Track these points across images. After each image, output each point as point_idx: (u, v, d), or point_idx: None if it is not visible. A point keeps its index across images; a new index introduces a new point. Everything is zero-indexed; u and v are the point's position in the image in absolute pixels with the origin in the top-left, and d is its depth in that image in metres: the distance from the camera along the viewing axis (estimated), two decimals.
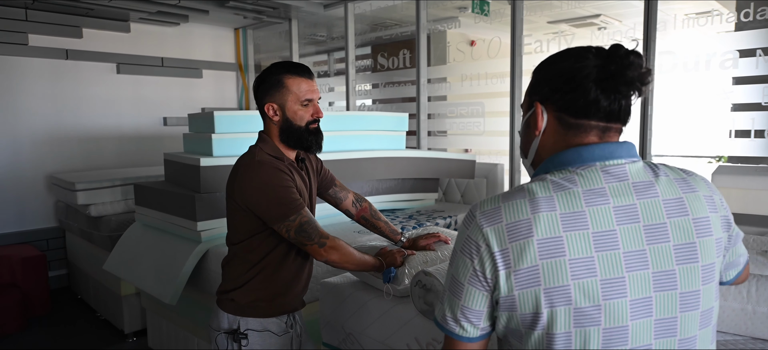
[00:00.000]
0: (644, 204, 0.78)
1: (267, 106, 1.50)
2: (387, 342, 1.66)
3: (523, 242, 0.75)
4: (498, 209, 0.79)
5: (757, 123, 2.59)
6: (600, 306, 0.74)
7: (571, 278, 0.73)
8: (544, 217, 0.76)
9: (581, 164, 0.81)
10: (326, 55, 5.63)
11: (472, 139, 3.85)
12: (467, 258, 0.81)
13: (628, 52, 0.80)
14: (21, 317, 3.48)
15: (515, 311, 0.77)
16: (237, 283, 1.54)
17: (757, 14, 2.58)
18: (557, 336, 0.75)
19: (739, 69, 2.62)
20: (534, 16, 3.47)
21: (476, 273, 0.79)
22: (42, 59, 4.18)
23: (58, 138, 4.29)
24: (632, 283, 0.75)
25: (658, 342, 0.77)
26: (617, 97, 0.81)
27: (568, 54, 0.84)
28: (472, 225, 0.81)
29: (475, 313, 0.82)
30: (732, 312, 1.36)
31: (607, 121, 0.82)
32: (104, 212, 3.45)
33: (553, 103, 0.84)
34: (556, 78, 0.83)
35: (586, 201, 0.77)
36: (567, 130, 0.84)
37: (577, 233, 0.75)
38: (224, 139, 2.56)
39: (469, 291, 0.81)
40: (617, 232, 0.76)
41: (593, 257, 0.74)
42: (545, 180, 0.81)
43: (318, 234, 1.47)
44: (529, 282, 0.75)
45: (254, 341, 1.51)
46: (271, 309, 1.54)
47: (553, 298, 0.74)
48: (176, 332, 2.79)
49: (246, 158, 1.51)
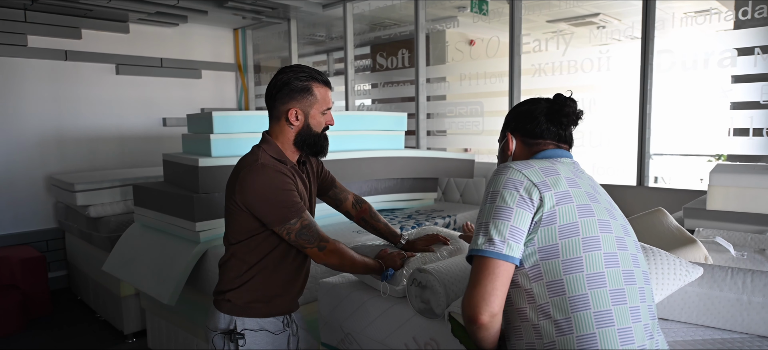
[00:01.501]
0: (599, 192, 1.19)
1: (291, 111, 1.49)
2: (385, 342, 1.66)
3: (555, 177, 1.10)
4: (526, 162, 1.15)
5: (755, 121, 2.59)
6: (608, 221, 1.11)
7: (590, 200, 1.11)
8: (561, 167, 1.14)
9: (555, 158, 1.21)
10: (325, 55, 5.63)
11: (471, 139, 3.85)
12: (513, 189, 1.07)
13: (566, 98, 1.24)
14: (21, 318, 3.48)
15: (554, 224, 1.05)
16: (234, 284, 1.53)
17: (755, 12, 2.57)
18: (590, 239, 1.05)
19: (738, 67, 2.62)
20: (533, 16, 3.47)
21: (523, 199, 1.06)
22: (41, 60, 4.18)
23: (57, 139, 4.29)
24: (613, 226, 1.11)
25: (628, 239, 1.12)
26: (560, 125, 1.24)
27: (527, 101, 1.30)
28: (509, 170, 1.11)
29: (520, 233, 1.05)
30: (727, 303, 1.38)
31: (557, 141, 1.24)
32: (103, 213, 3.45)
33: (518, 132, 1.27)
34: (519, 116, 1.28)
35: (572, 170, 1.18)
36: (529, 147, 1.26)
37: (578, 179, 1.15)
38: (223, 140, 2.56)
39: (517, 212, 1.05)
40: (596, 189, 1.18)
41: (589, 205, 1.11)
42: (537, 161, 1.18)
43: (318, 237, 1.48)
44: (566, 200, 1.07)
45: (251, 341, 1.51)
46: (268, 309, 1.54)
47: (582, 211, 1.07)
48: (176, 332, 2.80)
49: (248, 159, 1.50)
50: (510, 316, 1.11)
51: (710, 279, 1.42)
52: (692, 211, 2.16)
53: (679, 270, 1.41)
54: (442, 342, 1.51)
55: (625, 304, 1.02)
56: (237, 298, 1.52)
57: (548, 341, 1.02)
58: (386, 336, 1.66)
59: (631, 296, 1.04)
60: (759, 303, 1.35)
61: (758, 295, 1.35)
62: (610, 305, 1.01)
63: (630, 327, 1.01)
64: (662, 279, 1.38)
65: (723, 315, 1.39)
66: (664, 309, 1.47)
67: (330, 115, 1.55)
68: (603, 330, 0.99)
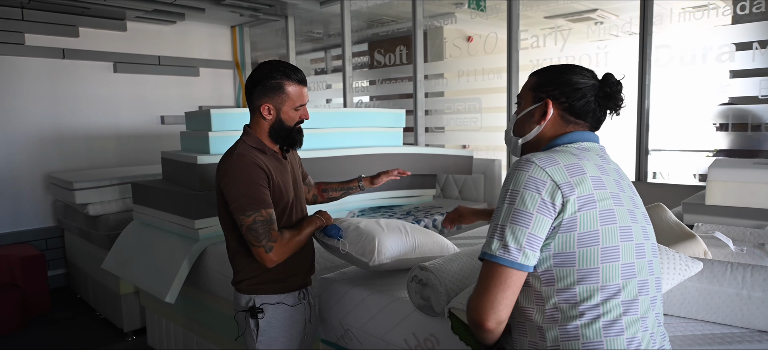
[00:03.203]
0: (624, 181, 1.12)
1: (263, 107, 1.58)
2: (385, 338, 1.66)
3: (580, 177, 1.01)
4: (551, 156, 1.03)
5: None
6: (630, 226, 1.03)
7: (614, 205, 1.02)
8: (587, 164, 1.04)
9: (585, 142, 1.12)
10: (323, 52, 5.62)
11: (470, 135, 3.84)
12: (534, 191, 0.99)
13: (617, 81, 1.13)
14: (20, 317, 3.48)
15: (574, 231, 0.98)
16: (245, 275, 1.63)
17: (753, 7, 2.57)
18: (609, 249, 0.99)
19: (736, 62, 2.63)
20: (530, 12, 3.47)
21: (544, 203, 0.98)
22: (39, 59, 4.17)
23: (55, 137, 4.28)
24: (635, 232, 1.05)
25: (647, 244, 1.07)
26: (604, 112, 1.15)
27: (573, 69, 1.13)
28: (532, 167, 1.01)
29: (538, 241, 0.98)
30: (727, 298, 1.38)
31: (592, 125, 1.15)
32: (102, 211, 3.44)
33: (559, 103, 1.12)
34: (566, 86, 1.12)
35: (598, 166, 1.06)
36: (567, 124, 1.13)
37: (605, 177, 1.04)
38: (221, 137, 2.55)
39: (537, 218, 0.98)
40: (622, 183, 1.09)
41: (618, 194, 1.04)
42: (567, 148, 1.09)
43: (267, 237, 1.50)
44: (589, 206, 0.99)
45: (269, 313, 1.62)
46: (283, 287, 1.65)
47: (605, 217, 0.99)
48: (175, 330, 2.80)
49: (229, 150, 1.60)
50: (515, 311, 1.07)
51: (710, 274, 1.42)
52: (691, 206, 2.16)
53: (679, 265, 1.41)
54: (441, 338, 1.51)
55: (635, 314, 0.99)
56: (252, 281, 1.63)
57: (553, 346, 1.00)
58: (386, 332, 1.66)
59: (642, 305, 1.01)
60: (759, 298, 1.35)
61: (758, 290, 1.35)
62: (621, 314, 0.98)
63: (637, 337, 0.99)
64: (662, 274, 1.38)
65: (723, 310, 1.40)
66: (664, 303, 1.47)
67: (304, 110, 1.63)
68: (610, 338, 0.97)
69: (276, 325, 1.64)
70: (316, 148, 2.80)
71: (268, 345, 1.63)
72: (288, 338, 1.66)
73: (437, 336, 1.52)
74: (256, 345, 1.63)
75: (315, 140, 2.84)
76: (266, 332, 1.63)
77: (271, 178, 1.57)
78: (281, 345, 1.65)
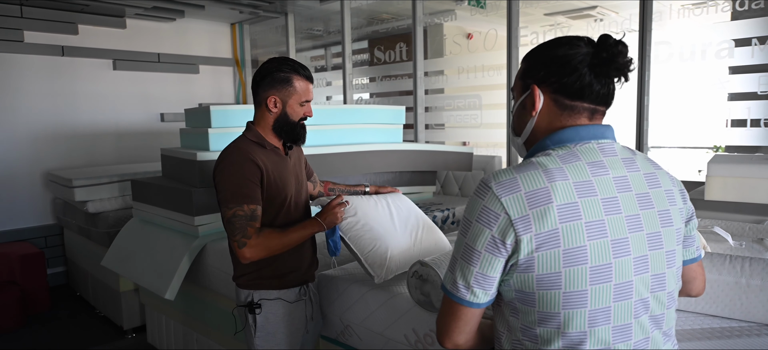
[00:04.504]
0: (632, 177, 0.90)
1: (270, 99, 1.59)
2: (384, 334, 1.67)
3: (543, 208, 0.82)
4: (514, 179, 0.85)
5: (753, 112, 2.59)
6: (611, 264, 0.83)
7: (587, 239, 0.82)
8: (560, 185, 0.84)
9: (579, 141, 0.91)
10: (323, 49, 5.62)
11: (470, 132, 3.85)
12: (485, 226, 0.85)
13: (616, 41, 0.89)
14: (20, 314, 3.48)
15: (532, 272, 0.84)
16: (244, 270, 1.64)
17: (752, 4, 2.58)
18: (573, 295, 0.83)
19: (735, 58, 2.63)
20: (530, 9, 3.46)
21: (495, 241, 0.85)
22: (38, 56, 4.16)
23: (54, 135, 4.28)
24: (634, 243, 0.85)
25: (653, 295, 0.88)
26: (607, 82, 0.92)
27: (560, 42, 0.93)
28: (488, 195, 0.86)
29: (490, 280, 0.87)
30: (726, 286, 1.40)
31: (596, 103, 0.93)
32: (102, 208, 3.44)
33: (548, 86, 0.93)
34: (552, 63, 0.91)
35: (591, 172, 0.87)
36: (562, 110, 0.93)
37: (589, 199, 0.84)
38: (221, 134, 2.55)
39: (486, 258, 0.86)
40: (619, 199, 0.86)
41: (604, 220, 0.84)
42: (550, 155, 0.89)
43: (242, 232, 1.49)
44: (550, 244, 0.82)
45: (268, 309, 1.62)
46: (282, 283, 1.65)
47: (571, 258, 0.82)
48: (175, 327, 2.80)
49: (228, 144, 1.62)
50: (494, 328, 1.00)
51: (709, 263, 1.43)
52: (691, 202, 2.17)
53: None
54: None
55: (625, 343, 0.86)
56: (251, 276, 1.63)
57: None
58: (385, 327, 1.66)
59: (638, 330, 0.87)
60: (757, 286, 1.36)
61: (756, 279, 1.37)
62: None
63: None
64: None
65: (722, 299, 1.40)
66: None
67: (309, 107, 1.64)
68: None
69: (274, 321, 1.63)
70: (316, 145, 2.80)
71: (266, 340, 1.63)
72: (287, 334, 1.65)
73: None
74: (254, 340, 1.63)
75: (315, 137, 2.84)
76: (264, 328, 1.62)
77: (267, 174, 1.57)
78: (280, 341, 1.64)
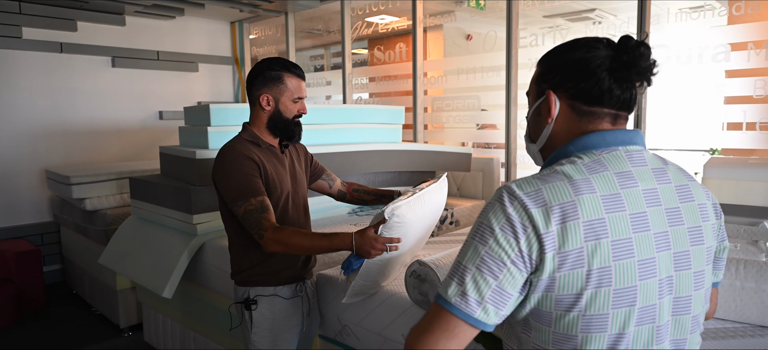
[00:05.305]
0: (662, 189, 0.82)
1: (262, 97, 1.61)
2: (382, 333, 1.67)
3: (569, 224, 0.74)
4: (540, 191, 0.77)
5: (748, 115, 2.61)
6: (636, 286, 0.76)
7: (613, 259, 0.75)
8: (587, 199, 0.76)
9: (606, 148, 0.83)
10: (323, 49, 5.62)
11: (469, 133, 3.86)
12: (511, 237, 0.76)
13: (638, 43, 0.83)
14: (15, 312, 3.47)
15: (552, 292, 0.76)
16: (241, 266, 1.65)
17: (748, 8, 2.60)
18: (595, 318, 0.75)
19: (731, 62, 2.65)
20: (529, 11, 3.48)
21: (522, 254, 0.75)
22: (36, 52, 4.15)
23: (52, 132, 4.27)
24: (661, 263, 0.78)
25: (674, 319, 0.81)
26: (629, 87, 0.84)
27: (577, 44, 0.86)
28: (514, 204, 0.77)
29: (506, 297, 0.76)
30: (721, 288, 1.42)
31: (618, 109, 0.85)
32: (99, 206, 3.43)
33: (565, 91, 0.86)
34: (568, 67, 0.85)
35: (619, 183, 0.79)
36: (580, 117, 0.85)
37: (617, 215, 0.76)
38: (220, 132, 2.55)
39: (510, 272, 0.75)
40: (648, 214, 0.78)
41: (631, 238, 0.76)
42: (575, 163, 0.81)
43: (258, 226, 1.50)
44: (574, 264, 0.74)
45: (264, 305, 1.64)
46: (278, 280, 1.66)
47: (595, 280, 0.75)
48: (172, 326, 2.80)
49: (225, 144, 1.63)
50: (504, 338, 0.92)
51: None
52: None
53: None
54: None
55: None
56: (247, 273, 1.65)
57: None
58: (383, 327, 1.67)
59: None
60: (752, 288, 1.38)
61: (751, 281, 1.39)
62: None
63: None
64: None
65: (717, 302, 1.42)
66: None
67: (302, 104, 1.66)
68: None
69: (270, 317, 1.64)
70: (315, 144, 2.81)
71: (262, 336, 1.64)
72: (283, 330, 1.66)
73: None
74: (250, 337, 1.64)
75: (314, 136, 2.84)
76: (260, 324, 1.64)
77: (264, 170, 1.59)
78: (276, 338, 1.65)
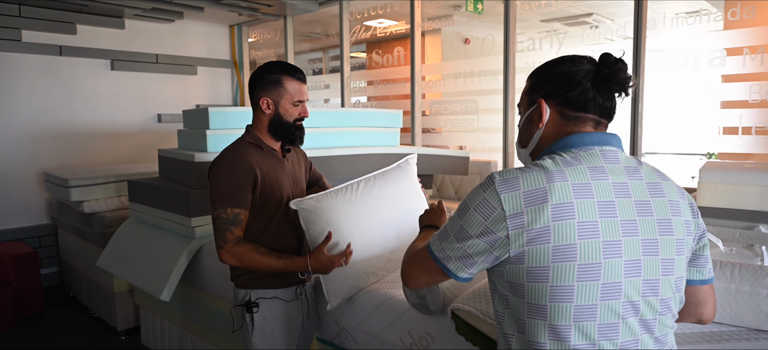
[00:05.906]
0: (633, 184, 0.95)
1: (263, 100, 1.62)
2: (380, 336, 1.68)
3: (538, 206, 0.88)
4: (516, 178, 0.92)
5: (744, 120, 2.63)
6: (600, 263, 0.88)
7: (578, 238, 0.87)
8: (558, 186, 0.89)
9: (583, 147, 0.97)
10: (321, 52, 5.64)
11: (466, 136, 3.87)
12: (480, 215, 0.92)
13: (617, 59, 0.99)
14: (13, 315, 3.46)
15: (522, 264, 0.89)
16: (242, 270, 1.65)
17: (744, 14, 2.62)
18: (560, 289, 0.88)
19: (727, 67, 2.67)
20: (527, 15, 3.50)
21: (487, 230, 0.91)
22: (35, 55, 4.16)
23: (51, 134, 4.27)
24: (627, 246, 0.90)
25: (644, 299, 0.91)
26: (610, 96, 1.00)
27: (563, 60, 1.02)
28: (489, 189, 0.92)
29: (471, 261, 0.94)
30: (717, 292, 1.42)
31: (600, 115, 1.00)
32: (98, 209, 3.43)
33: (554, 100, 1.01)
34: (557, 78, 1.00)
35: (591, 176, 0.92)
36: (567, 121, 1.00)
37: (585, 201, 0.89)
38: (219, 135, 2.56)
39: (475, 242, 0.92)
40: (615, 203, 0.91)
41: (597, 222, 0.89)
42: (554, 159, 0.95)
43: (221, 236, 1.54)
44: (541, 240, 0.87)
45: (265, 308, 1.64)
46: (280, 282, 1.66)
47: (560, 254, 0.87)
48: (169, 329, 2.80)
49: (228, 145, 1.64)
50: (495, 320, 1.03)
51: None
52: None
53: None
54: (436, 336, 1.53)
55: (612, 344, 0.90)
56: (249, 276, 1.65)
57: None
58: (381, 330, 1.67)
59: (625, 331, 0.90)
60: (747, 292, 1.38)
61: (746, 285, 1.39)
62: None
63: None
64: None
65: None
66: None
67: (303, 107, 1.65)
68: None
69: (272, 320, 1.65)
70: (313, 147, 2.81)
71: (263, 339, 1.64)
72: (284, 333, 1.67)
73: (432, 335, 1.54)
74: (252, 339, 1.64)
75: (312, 139, 2.85)
76: (262, 326, 1.64)
77: (262, 176, 1.59)
78: (277, 340, 1.66)
